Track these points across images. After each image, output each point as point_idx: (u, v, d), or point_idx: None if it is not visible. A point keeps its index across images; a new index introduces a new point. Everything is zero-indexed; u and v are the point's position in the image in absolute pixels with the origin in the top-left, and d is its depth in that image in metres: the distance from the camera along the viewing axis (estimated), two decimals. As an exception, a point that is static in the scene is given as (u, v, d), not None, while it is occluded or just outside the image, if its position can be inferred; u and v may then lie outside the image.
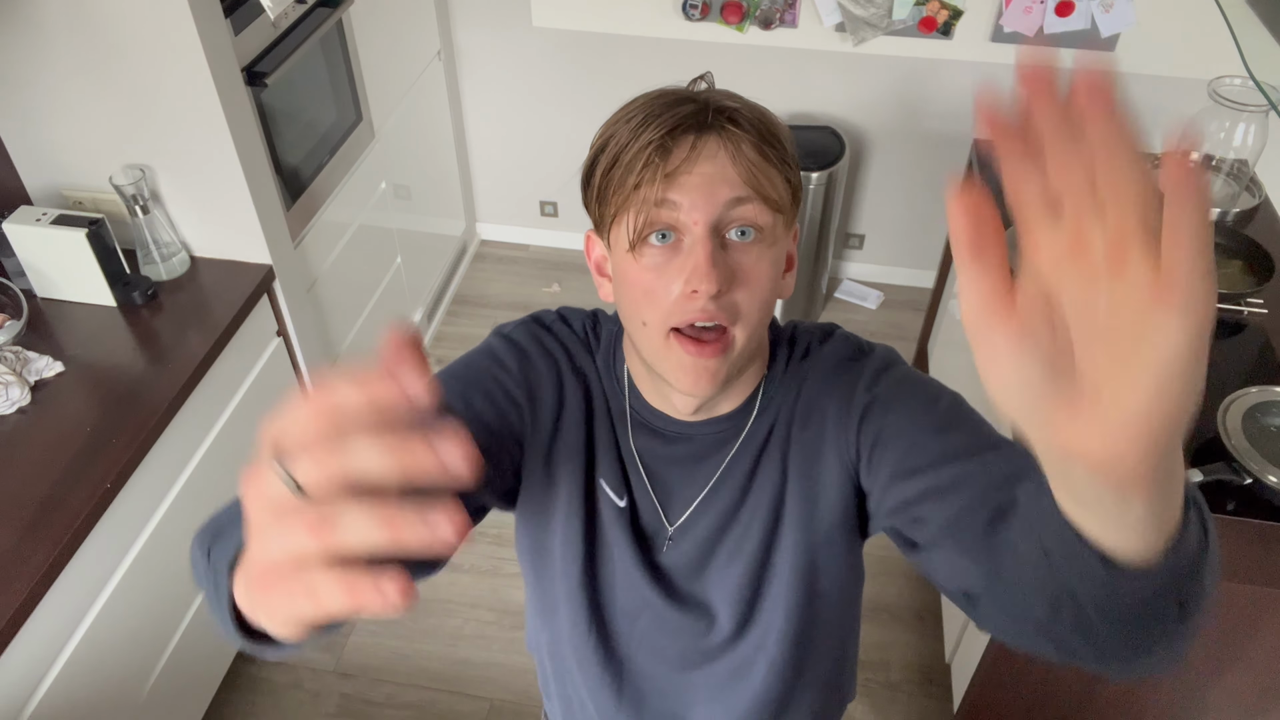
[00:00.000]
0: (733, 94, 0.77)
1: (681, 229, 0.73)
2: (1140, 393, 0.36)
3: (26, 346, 1.76)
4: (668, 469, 0.87)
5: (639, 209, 0.73)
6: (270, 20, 1.88)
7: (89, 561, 1.54)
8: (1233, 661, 1.56)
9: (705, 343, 0.74)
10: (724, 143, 0.73)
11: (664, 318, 0.74)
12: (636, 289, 0.75)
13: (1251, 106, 2.03)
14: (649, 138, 0.72)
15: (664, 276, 0.73)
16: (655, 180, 0.71)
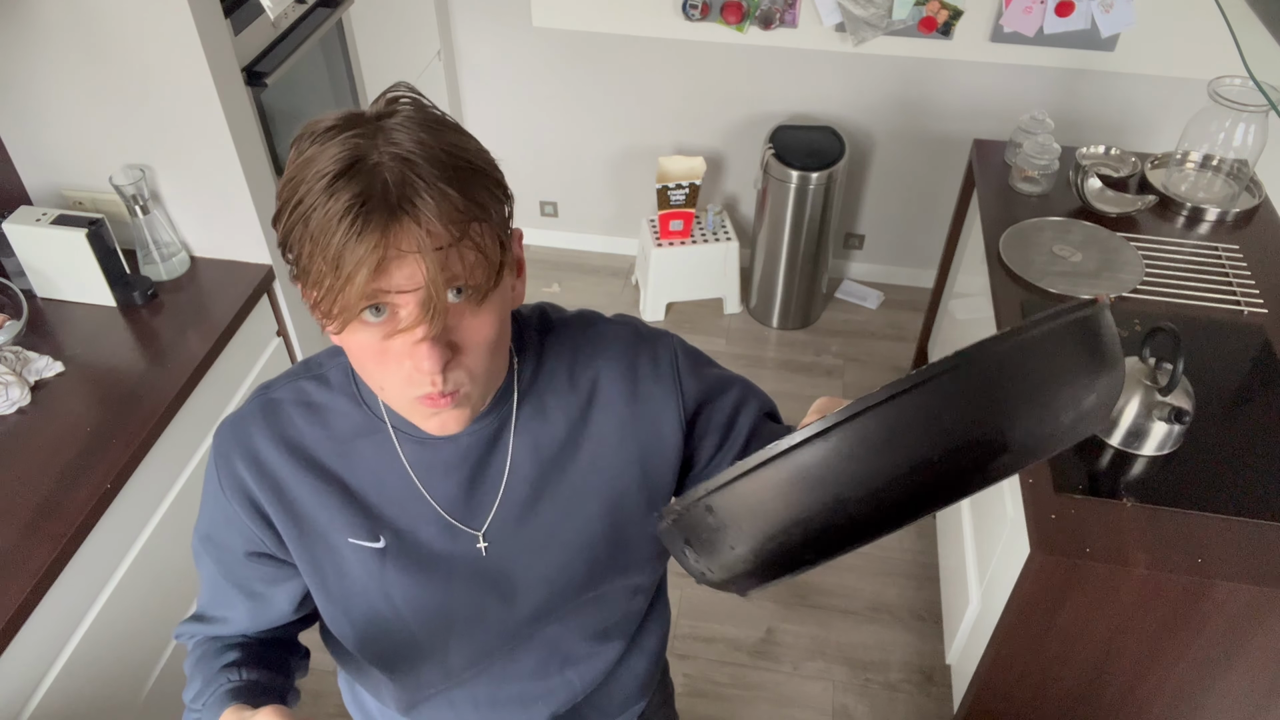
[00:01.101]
0: (411, 137, 0.68)
1: (394, 304, 0.69)
2: None
3: (27, 347, 1.76)
4: (446, 480, 0.87)
5: (345, 292, 0.67)
6: (270, 20, 1.88)
7: (89, 561, 1.54)
8: (1233, 661, 1.56)
9: (446, 397, 0.74)
10: (419, 222, 0.66)
11: (400, 390, 0.74)
12: (365, 361, 0.74)
13: (1251, 106, 2.03)
14: (343, 218, 0.66)
15: (386, 356, 0.72)
16: (362, 264, 0.65)
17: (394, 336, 0.70)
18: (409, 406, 0.76)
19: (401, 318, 0.69)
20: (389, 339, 0.70)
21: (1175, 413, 1.54)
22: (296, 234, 0.70)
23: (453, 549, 0.89)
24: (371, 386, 0.77)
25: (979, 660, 1.73)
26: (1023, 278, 1.94)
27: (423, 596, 0.90)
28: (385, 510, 0.87)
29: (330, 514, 0.87)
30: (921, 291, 3.19)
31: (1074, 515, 1.50)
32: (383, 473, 0.87)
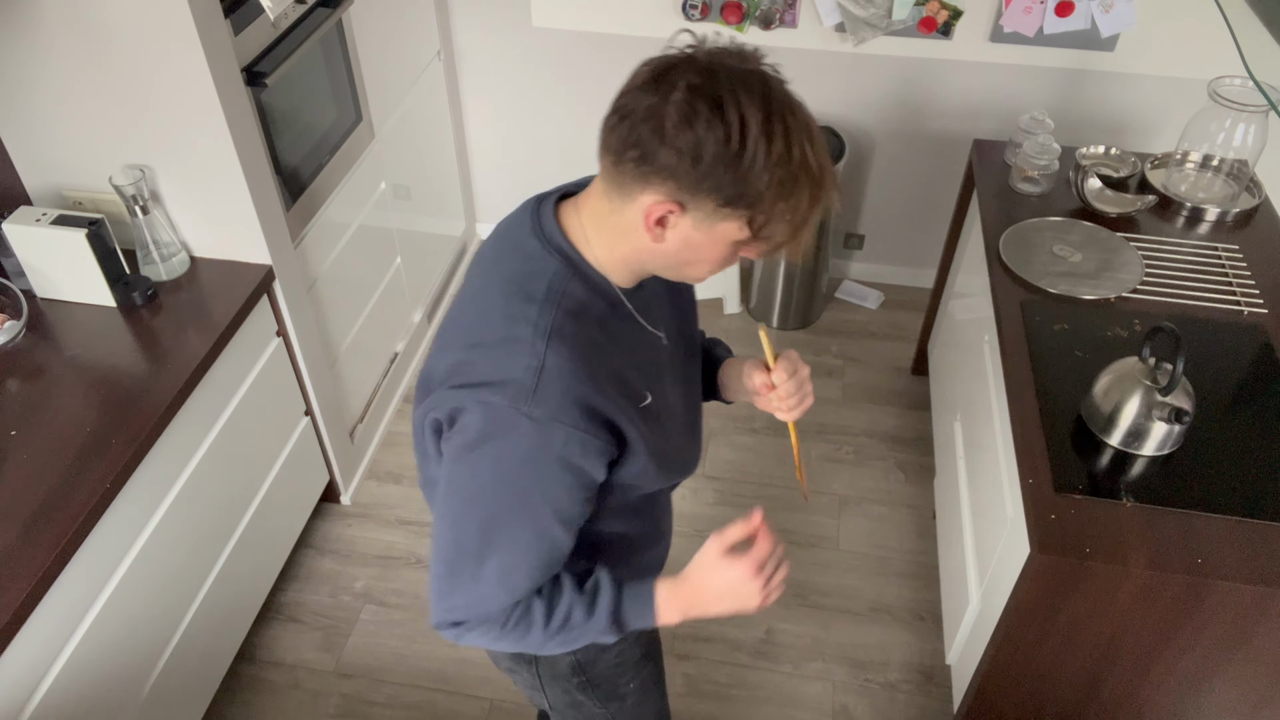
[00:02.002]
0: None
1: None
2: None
3: (26, 347, 1.76)
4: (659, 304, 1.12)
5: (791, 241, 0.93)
6: (270, 20, 1.88)
7: (89, 561, 1.54)
8: (1233, 661, 1.56)
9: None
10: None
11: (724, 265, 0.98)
12: (722, 258, 0.96)
13: (1251, 106, 2.03)
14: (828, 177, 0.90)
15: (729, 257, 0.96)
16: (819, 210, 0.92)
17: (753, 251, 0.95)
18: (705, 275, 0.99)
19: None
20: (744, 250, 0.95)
21: (1175, 413, 1.54)
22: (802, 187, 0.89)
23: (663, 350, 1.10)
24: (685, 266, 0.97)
25: (979, 660, 1.73)
26: (1023, 278, 1.94)
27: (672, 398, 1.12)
28: (643, 362, 1.05)
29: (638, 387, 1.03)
30: (921, 291, 3.19)
31: (1074, 515, 1.50)
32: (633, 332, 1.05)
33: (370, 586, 2.32)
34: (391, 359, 2.71)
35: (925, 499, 2.52)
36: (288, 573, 2.33)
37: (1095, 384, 1.63)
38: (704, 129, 0.84)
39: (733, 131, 0.84)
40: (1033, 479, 1.56)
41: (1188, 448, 1.60)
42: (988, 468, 1.89)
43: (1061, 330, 1.83)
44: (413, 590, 2.31)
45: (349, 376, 2.44)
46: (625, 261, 0.99)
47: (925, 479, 2.57)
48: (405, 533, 2.44)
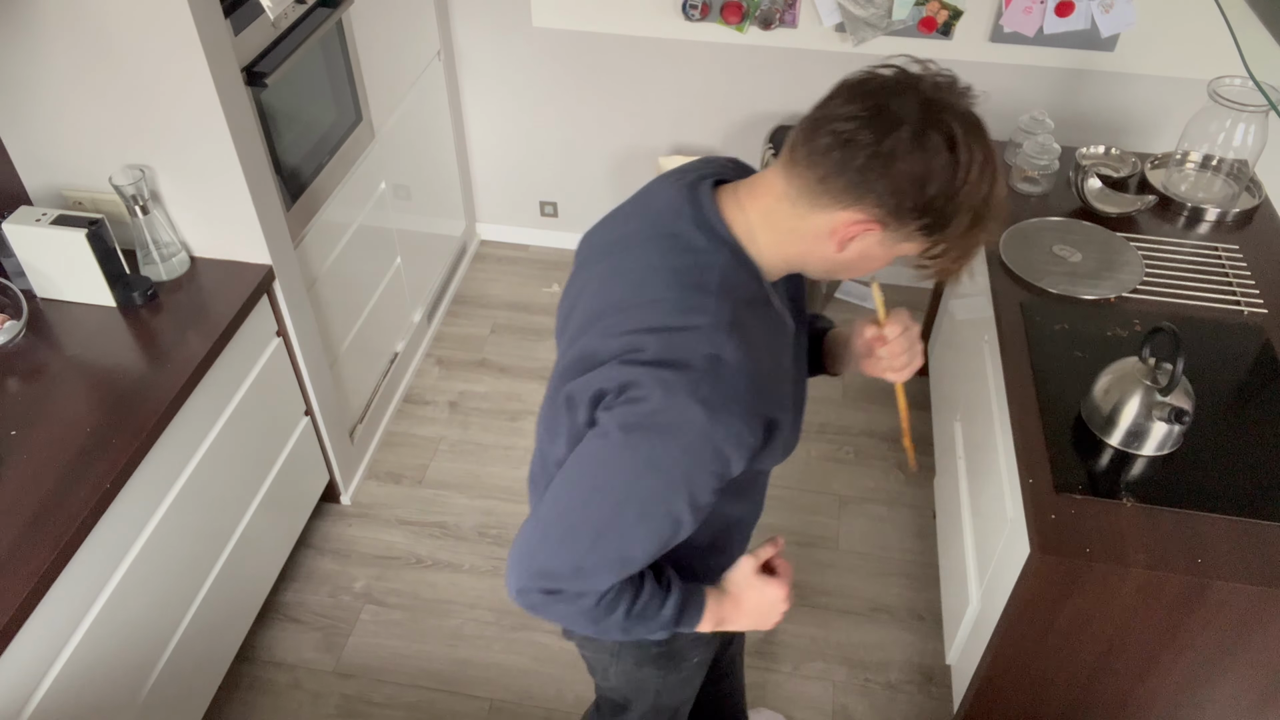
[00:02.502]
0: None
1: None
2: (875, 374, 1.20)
3: (26, 347, 1.76)
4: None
5: (952, 267, 0.99)
6: (270, 20, 1.88)
7: (89, 561, 1.54)
8: (1233, 661, 1.56)
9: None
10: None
11: (854, 274, 1.03)
12: (871, 258, 0.99)
13: (1251, 106, 2.03)
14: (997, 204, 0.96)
15: (880, 262, 1.00)
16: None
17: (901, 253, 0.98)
18: (847, 272, 1.02)
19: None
20: (898, 253, 0.98)
21: (1175, 413, 1.54)
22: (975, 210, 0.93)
23: (793, 333, 1.11)
24: (848, 271, 1.01)
25: (979, 660, 1.73)
26: (1023, 278, 1.94)
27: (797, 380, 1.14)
28: (785, 362, 1.07)
29: (784, 397, 1.05)
30: (921, 291, 3.19)
31: (1074, 515, 1.50)
32: (779, 331, 1.06)
33: (370, 586, 2.32)
34: (391, 359, 2.71)
35: (925, 499, 2.52)
36: (288, 573, 2.33)
37: (1095, 384, 1.63)
38: (937, 162, 0.89)
39: (961, 169, 0.89)
40: (1033, 479, 1.56)
41: (1188, 448, 1.60)
42: (988, 468, 1.89)
43: (1061, 330, 1.83)
44: (412, 590, 2.31)
45: (349, 376, 2.44)
46: (788, 261, 1.02)
47: (925, 479, 2.57)
48: (405, 533, 2.44)
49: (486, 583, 2.33)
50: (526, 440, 2.68)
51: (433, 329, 3.00)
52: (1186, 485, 1.54)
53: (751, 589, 1.15)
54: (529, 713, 2.08)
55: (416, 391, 2.83)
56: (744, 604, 1.16)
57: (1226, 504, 1.51)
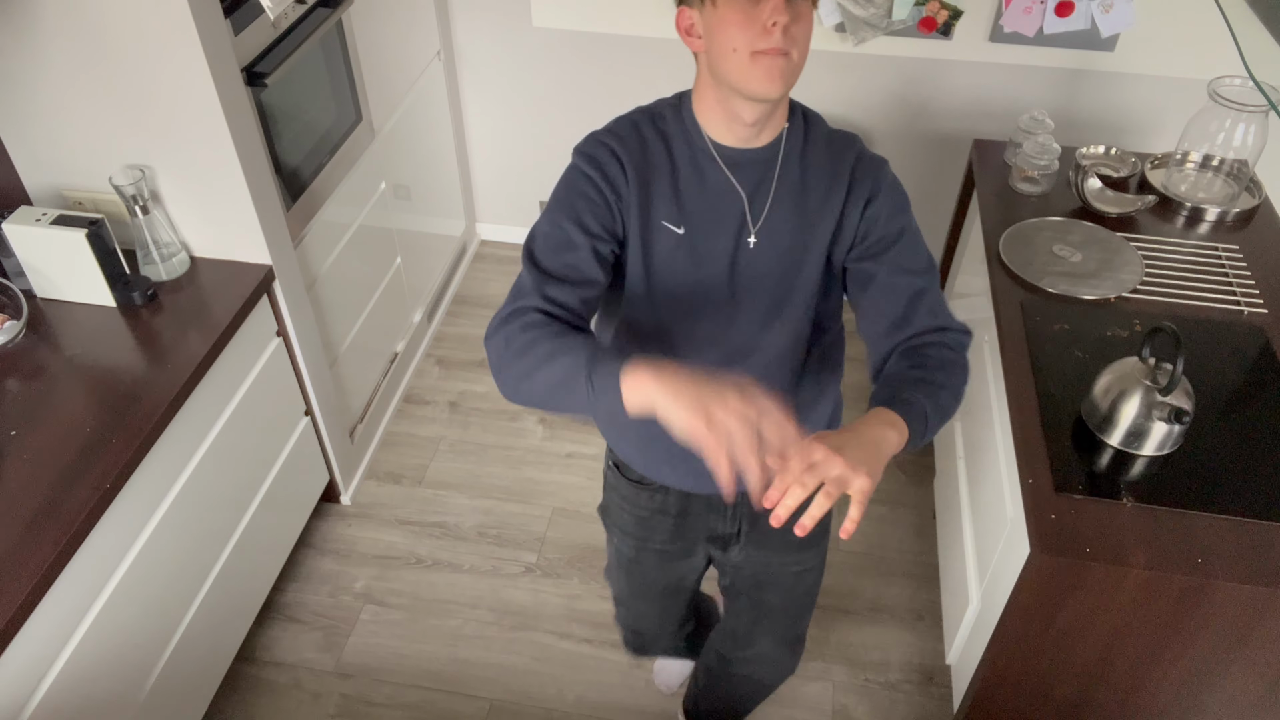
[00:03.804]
0: None
1: None
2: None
3: (27, 347, 1.76)
4: (732, 190, 1.19)
5: None
6: (270, 20, 1.89)
7: (89, 561, 1.54)
8: (1233, 661, 1.56)
9: (782, 54, 1.05)
10: None
11: (749, 43, 1.04)
12: (731, 25, 1.04)
13: (1251, 106, 2.03)
14: None
15: (748, 19, 1.04)
16: None
17: (757, 3, 1.03)
18: (747, 66, 1.06)
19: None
20: (753, 6, 1.03)
21: (1175, 413, 1.54)
22: None
23: (729, 245, 1.19)
24: (724, 55, 1.06)
25: (979, 660, 1.73)
26: (1023, 278, 1.94)
27: (698, 275, 1.21)
28: (690, 205, 1.18)
29: (658, 199, 1.18)
30: (921, 291, 3.18)
31: (1074, 515, 1.50)
32: (698, 177, 1.18)
33: (370, 586, 2.32)
34: (391, 359, 2.71)
35: (925, 499, 2.52)
36: (288, 573, 2.33)
37: (1095, 384, 1.63)
38: None
39: None
40: (1033, 479, 1.56)
41: (1188, 448, 1.60)
42: (988, 468, 1.89)
43: (1061, 330, 1.83)
44: (412, 590, 2.31)
45: (349, 376, 2.44)
46: (710, 106, 1.15)
47: (925, 479, 2.57)
48: (405, 533, 2.44)
49: (486, 583, 2.33)
50: (526, 440, 2.68)
51: (433, 329, 3.00)
52: (1186, 485, 1.54)
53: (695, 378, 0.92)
54: (529, 713, 2.08)
55: (416, 391, 2.83)
56: (680, 384, 0.91)
57: (1226, 504, 1.51)
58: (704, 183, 1.18)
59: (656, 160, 1.18)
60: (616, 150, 1.17)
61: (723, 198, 1.18)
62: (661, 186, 1.18)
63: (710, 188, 1.18)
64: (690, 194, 1.18)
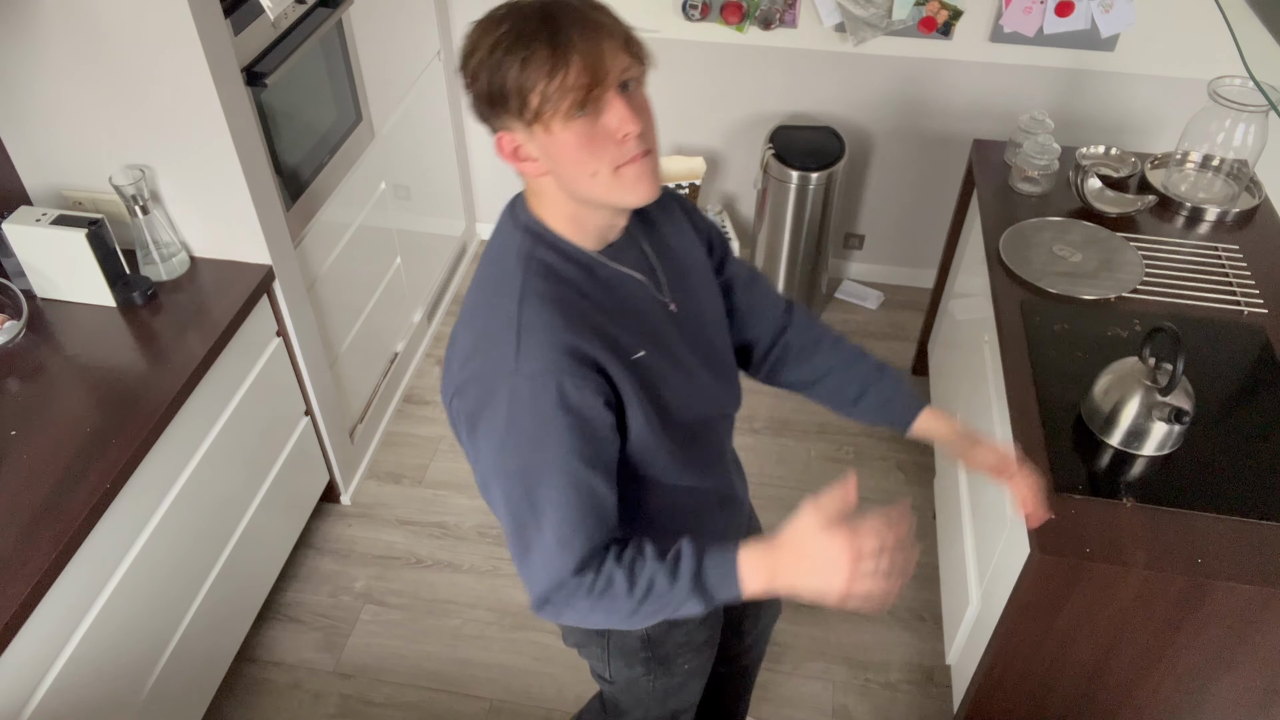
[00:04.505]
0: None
1: (596, 99, 0.95)
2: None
3: (27, 347, 1.76)
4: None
5: (562, 95, 0.92)
6: (270, 20, 1.88)
7: (89, 561, 1.54)
8: (1233, 661, 1.56)
9: (646, 154, 0.99)
10: (592, 30, 0.94)
11: (609, 161, 0.97)
12: (580, 150, 0.96)
13: (1251, 106, 2.03)
14: (545, 44, 0.92)
15: (595, 137, 0.96)
16: (571, 69, 0.92)
17: (599, 114, 0.95)
18: (615, 183, 0.99)
19: (605, 100, 0.96)
20: (597, 119, 0.95)
21: (1175, 413, 1.54)
22: (508, 66, 0.93)
23: (670, 317, 1.13)
24: (581, 180, 0.98)
25: (979, 660, 1.73)
26: (1023, 278, 1.94)
27: (685, 360, 1.14)
28: (631, 322, 1.08)
29: (624, 342, 1.06)
30: (921, 291, 3.19)
31: (1074, 515, 1.50)
32: (615, 291, 1.08)
33: (370, 586, 2.32)
34: (391, 359, 2.71)
35: (925, 499, 2.52)
36: (288, 573, 2.33)
37: (1095, 384, 1.63)
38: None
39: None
40: (1033, 479, 1.56)
41: (1188, 448, 1.60)
42: (988, 468, 1.89)
43: (1061, 330, 1.83)
44: (412, 590, 2.31)
45: (349, 376, 2.44)
46: (568, 218, 1.05)
47: (925, 479, 2.57)
48: (405, 533, 2.43)
49: (486, 583, 2.32)
50: (526, 440, 2.68)
51: (433, 329, 3.00)
52: (1186, 485, 1.54)
53: (806, 539, 0.98)
54: (529, 713, 2.08)
55: (416, 391, 2.82)
56: (798, 557, 0.99)
57: (1226, 504, 1.51)
58: (617, 292, 1.08)
59: (591, 316, 1.04)
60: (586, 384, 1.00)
61: (634, 292, 1.10)
62: (610, 330, 1.05)
63: (623, 293, 1.09)
64: (619, 312, 1.07)
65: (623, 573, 1.03)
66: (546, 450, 0.99)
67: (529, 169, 1.01)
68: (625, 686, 1.42)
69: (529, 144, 0.98)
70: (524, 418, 0.99)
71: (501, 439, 1.00)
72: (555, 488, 1.00)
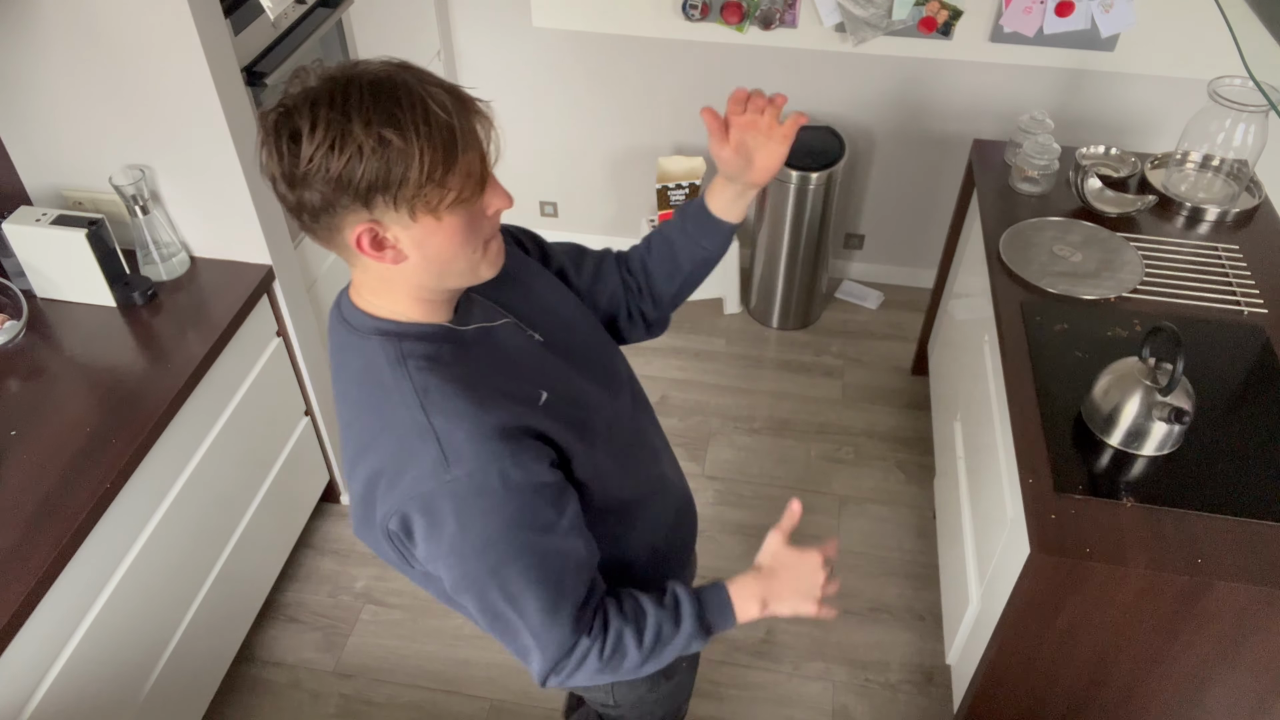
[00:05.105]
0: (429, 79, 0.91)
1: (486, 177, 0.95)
2: (770, 165, 1.15)
3: (26, 347, 1.76)
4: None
5: (464, 182, 0.90)
6: (270, 20, 1.88)
7: (89, 561, 1.54)
8: (1233, 661, 1.56)
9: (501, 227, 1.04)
10: (464, 104, 0.90)
11: (482, 238, 0.97)
12: (464, 231, 0.94)
13: (1251, 106, 2.03)
14: (439, 137, 0.87)
15: (478, 213, 0.95)
16: (470, 152, 0.90)
17: (483, 199, 0.94)
18: (483, 260, 0.98)
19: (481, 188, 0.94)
20: (478, 205, 0.94)
21: (1175, 413, 1.54)
22: (398, 154, 0.86)
23: (543, 347, 1.11)
24: (458, 262, 0.96)
25: (979, 660, 1.73)
26: (1023, 278, 1.94)
27: (578, 381, 1.12)
28: (520, 372, 1.06)
29: (528, 394, 1.03)
30: (921, 291, 3.19)
31: (1074, 515, 1.50)
32: (491, 351, 1.05)
33: (370, 586, 2.32)
34: (391, 359, 2.71)
35: (925, 499, 2.52)
36: (288, 573, 2.33)
37: (1095, 384, 1.63)
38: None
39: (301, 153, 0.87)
40: (1033, 479, 1.56)
41: (1188, 448, 1.60)
42: (988, 468, 1.89)
43: (1061, 330, 1.83)
44: (412, 590, 2.31)
45: (349, 376, 2.43)
46: (420, 302, 1.00)
47: (925, 479, 2.57)
48: (405, 533, 2.43)
49: (486, 583, 2.32)
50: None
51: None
52: (1186, 485, 1.54)
53: (787, 566, 1.14)
54: (529, 713, 2.08)
55: (416, 391, 2.82)
56: (777, 578, 1.13)
57: (1226, 504, 1.51)
58: (493, 351, 1.05)
59: (489, 385, 1.00)
60: (524, 455, 0.97)
61: (506, 341, 1.07)
62: (511, 389, 1.02)
63: (496, 347, 1.06)
64: (506, 369, 1.05)
65: (630, 629, 1.06)
66: (506, 541, 0.97)
67: (385, 258, 0.93)
68: (632, 705, 1.42)
69: (401, 234, 0.91)
70: (475, 520, 0.95)
71: (459, 551, 0.96)
72: (525, 572, 0.98)
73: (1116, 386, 1.59)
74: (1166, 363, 1.58)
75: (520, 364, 1.06)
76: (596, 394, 1.14)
